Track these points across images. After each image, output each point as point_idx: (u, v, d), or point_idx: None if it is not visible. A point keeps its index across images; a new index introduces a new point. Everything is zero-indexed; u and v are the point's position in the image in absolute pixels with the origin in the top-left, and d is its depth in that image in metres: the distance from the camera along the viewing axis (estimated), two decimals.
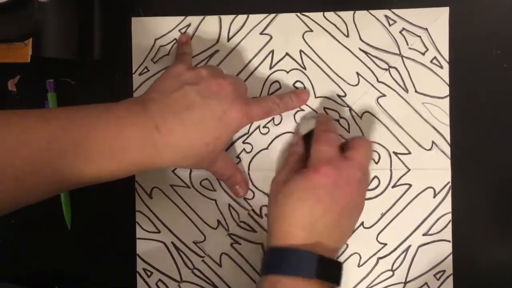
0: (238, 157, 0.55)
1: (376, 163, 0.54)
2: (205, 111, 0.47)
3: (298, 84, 0.55)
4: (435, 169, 0.54)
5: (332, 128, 0.51)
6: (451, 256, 0.54)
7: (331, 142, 0.49)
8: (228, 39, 0.56)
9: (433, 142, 0.54)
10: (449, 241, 0.54)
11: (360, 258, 0.55)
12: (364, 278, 0.54)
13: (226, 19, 0.56)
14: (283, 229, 0.47)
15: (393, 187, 0.54)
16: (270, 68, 0.55)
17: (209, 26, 0.56)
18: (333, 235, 0.47)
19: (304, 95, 0.54)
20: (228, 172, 0.53)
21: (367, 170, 0.50)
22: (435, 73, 0.54)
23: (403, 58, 0.54)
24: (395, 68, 0.54)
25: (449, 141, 0.54)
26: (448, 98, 0.54)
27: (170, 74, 0.49)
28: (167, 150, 0.46)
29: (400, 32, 0.54)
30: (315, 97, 0.55)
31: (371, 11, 0.55)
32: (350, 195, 0.47)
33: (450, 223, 0.54)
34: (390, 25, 0.54)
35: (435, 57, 0.54)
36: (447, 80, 0.54)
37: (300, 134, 0.54)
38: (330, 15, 0.55)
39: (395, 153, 0.54)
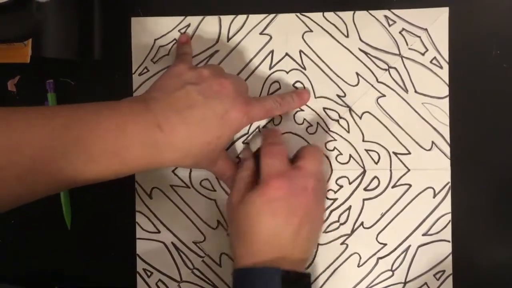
0: (238, 157, 0.56)
1: (376, 163, 0.54)
2: (207, 110, 0.47)
3: (298, 84, 0.55)
4: (434, 169, 0.54)
5: (279, 141, 0.52)
6: (450, 256, 0.54)
7: (278, 154, 0.49)
8: (228, 39, 0.56)
9: (432, 142, 0.54)
10: (448, 241, 0.54)
11: (360, 258, 0.55)
12: (364, 278, 0.55)
13: (226, 19, 0.56)
14: (245, 248, 0.47)
15: (393, 187, 0.54)
16: (270, 68, 0.55)
17: (209, 26, 0.56)
18: (296, 247, 0.47)
19: (305, 95, 0.54)
20: (228, 171, 0.53)
21: (321, 177, 0.50)
22: (434, 73, 0.54)
23: (403, 58, 0.54)
24: (395, 68, 0.54)
25: (448, 141, 0.54)
26: (447, 98, 0.54)
27: (171, 73, 0.49)
28: (169, 149, 0.46)
29: (400, 32, 0.54)
30: (315, 98, 0.55)
31: (370, 11, 0.55)
32: (306, 203, 0.48)
33: (450, 223, 0.54)
34: (389, 25, 0.54)
35: (434, 57, 0.54)
36: (447, 80, 0.54)
37: (250, 150, 0.54)
38: (330, 15, 0.55)
39: (395, 153, 0.54)
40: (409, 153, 0.54)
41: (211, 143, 0.48)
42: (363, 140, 0.55)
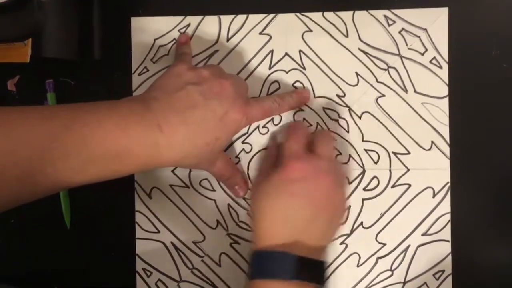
0: (237, 157, 0.56)
1: (376, 163, 0.54)
2: (207, 111, 0.47)
3: (297, 84, 0.55)
4: (434, 169, 0.54)
5: (302, 126, 0.53)
6: (450, 256, 0.54)
7: (299, 138, 0.50)
8: (228, 39, 0.56)
9: (432, 142, 0.54)
10: (448, 241, 0.54)
11: (359, 258, 0.55)
12: (363, 278, 0.55)
13: (226, 19, 0.56)
14: (263, 230, 0.47)
15: (392, 187, 0.54)
16: (270, 68, 0.55)
17: (209, 26, 0.56)
18: (312, 232, 0.47)
19: (305, 95, 0.54)
20: (227, 172, 0.53)
21: (337, 163, 0.51)
22: (434, 73, 0.54)
23: (403, 58, 0.54)
24: (395, 68, 0.54)
25: (448, 141, 0.54)
26: (447, 98, 0.54)
27: (171, 73, 0.49)
28: (168, 149, 0.46)
29: (400, 32, 0.54)
30: (315, 97, 0.55)
31: (370, 11, 0.55)
32: (323, 187, 0.48)
33: (449, 223, 0.54)
34: (389, 25, 0.54)
35: (434, 57, 0.54)
36: (447, 80, 0.54)
37: (275, 140, 0.54)
38: (329, 15, 0.55)
39: (395, 153, 0.54)
40: (409, 153, 0.54)
41: (209, 144, 0.48)
42: (363, 140, 0.55)
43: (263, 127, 0.55)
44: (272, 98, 0.53)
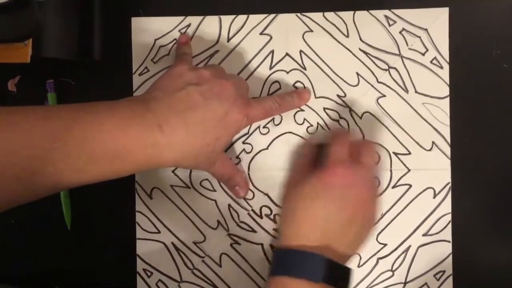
0: (238, 157, 0.56)
1: (376, 163, 0.54)
2: (207, 112, 0.47)
3: (298, 84, 0.55)
4: (435, 169, 0.54)
5: (345, 132, 0.53)
6: (451, 257, 0.54)
7: (344, 144, 0.50)
8: (228, 39, 0.56)
9: (433, 142, 0.54)
10: (449, 242, 0.54)
11: (360, 258, 0.55)
12: (364, 278, 0.55)
13: (226, 19, 0.56)
14: (294, 229, 0.47)
15: (393, 187, 0.54)
16: (270, 68, 0.55)
17: (209, 26, 0.56)
18: (343, 239, 0.47)
19: (305, 95, 0.54)
20: (227, 173, 0.53)
21: (376, 177, 0.51)
22: (435, 73, 0.54)
23: (403, 58, 0.54)
24: (395, 68, 0.54)
25: (449, 141, 0.54)
26: (448, 99, 0.54)
27: (172, 74, 0.49)
28: (168, 150, 0.46)
29: (400, 32, 0.54)
30: (315, 98, 0.55)
31: (371, 11, 0.55)
32: (363, 198, 0.48)
33: (450, 224, 0.54)
34: (390, 25, 0.54)
35: (435, 58, 0.54)
36: (447, 81, 0.54)
37: (311, 141, 0.54)
38: (330, 15, 0.55)
39: (395, 154, 0.54)
40: (410, 153, 0.54)
41: (210, 145, 0.48)
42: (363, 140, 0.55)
43: (264, 127, 0.55)
44: (273, 98, 0.53)
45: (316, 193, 0.47)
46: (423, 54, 0.54)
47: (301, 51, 0.55)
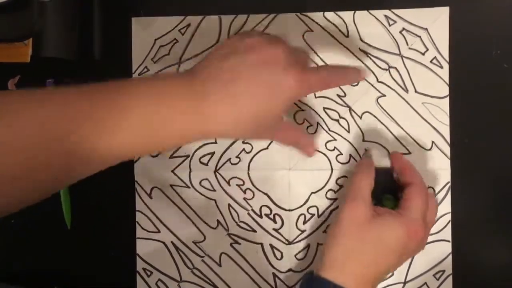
0: (237, 157, 0.56)
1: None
2: (255, 81, 0.44)
3: None
4: (434, 169, 0.54)
5: (426, 189, 0.50)
6: (450, 256, 0.54)
7: (427, 199, 0.49)
8: None
9: (433, 142, 0.54)
10: (448, 241, 0.54)
11: None
12: None
13: (226, 19, 0.56)
14: (348, 267, 0.46)
15: None
16: None
17: (209, 26, 0.56)
18: (382, 277, 0.48)
19: (363, 72, 0.51)
20: (290, 140, 0.52)
21: None
22: (435, 73, 0.54)
23: (403, 58, 0.54)
24: (395, 68, 0.54)
25: (448, 141, 0.54)
26: (448, 98, 0.54)
27: (218, 46, 0.48)
28: (216, 121, 0.44)
29: (400, 32, 0.54)
30: (315, 97, 0.55)
31: (371, 11, 0.55)
32: (417, 249, 0.49)
33: (450, 223, 0.54)
34: (390, 25, 0.54)
35: (435, 57, 0.54)
36: (447, 80, 0.54)
37: (369, 157, 0.54)
38: (330, 15, 0.55)
39: None
40: (409, 153, 0.54)
41: (260, 116, 0.45)
42: (363, 140, 0.55)
43: None
44: (330, 67, 0.51)
45: (396, 246, 0.47)
46: (423, 54, 0.54)
47: None
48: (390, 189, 0.52)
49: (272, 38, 0.47)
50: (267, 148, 0.55)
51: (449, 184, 0.54)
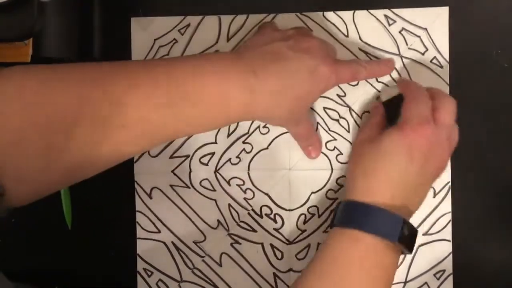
0: (238, 157, 0.55)
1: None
2: (298, 63, 0.46)
3: None
4: None
5: (422, 88, 0.50)
6: (451, 256, 0.54)
7: (424, 100, 0.48)
8: (228, 39, 0.56)
9: None
10: (449, 241, 0.54)
11: None
12: None
13: (226, 19, 0.56)
14: (370, 184, 0.46)
15: None
16: None
17: (209, 26, 0.56)
18: (416, 199, 0.47)
19: (391, 63, 0.53)
20: (307, 133, 0.53)
21: (454, 130, 0.49)
22: (435, 73, 0.54)
23: (403, 58, 0.54)
24: (395, 68, 0.54)
25: None
26: None
27: (258, 33, 0.50)
28: (262, 97, 0.46)
29: (400, 32, 0.54)
30: None
31: (370, 10, 0.55)
32: (441, 159, 0.48)
33: (450, 223, 0.54)
34: (389, 25, 0.54)
35: (435, 57, 0.54)
36: (447, 80, 0.54)
37: (381, 100, 0.53)
38: (329, 15, 0.55)
39: None
40: None
41: (301, 98, 0.47)
42: None
43: (264, 127, 0.55)
44: (359, 61, 0.52)
45: (397, 150, 0.46)
46: (423, 54, 0.54)
47: None
48: None
49: (304, 30, 0.50)
50: (267, 148, 0.55)
51: (449, 184, 0.54)
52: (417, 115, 0.47)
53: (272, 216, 0.55)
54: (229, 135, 0.55)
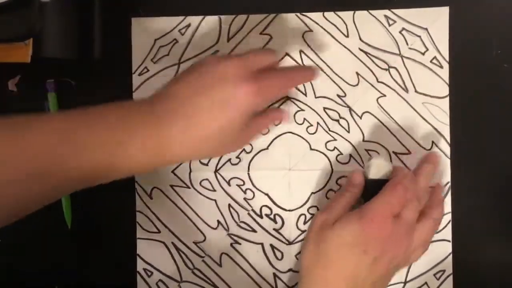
0: (237, 157, 0.55)
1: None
2: (208, 98, 0.45)
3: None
4: None
5: (411, 185, 0.48)
6: (451, 256, 0.54)
7: (402, 198, 0.47)
8: (228, 39, 0.56)
9: (433, 142, 0.54)
10: (449, 241, 0.54)
11: None
12: None
13: (226, 19, 0.56)
14: (323, 275, 0.46)
15: None
16: None
17: (209, 26, 0.56)
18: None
19: (315, 70, 0.51)
20: (260, 132, 0.51)
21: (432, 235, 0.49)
22: (435, 73, 0.54)
23: (403, 58, 0.54)
24: (395, 68, 0.54)
25: (449, 141, 0.54)
26: (448, 98, 0.54)
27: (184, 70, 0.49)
28: (171, 141, 0.45)
29: (400, 32, 0.54)
30: (315, 97, 0.55)
31: (371, 11, 0.55)
32: (395, 255, 0.46)
33: (450, 223, 0.54)
34: (390, 25, 0.54)
35: (435, 57, 0.54)
36: (447, 80, 0.54)
37: (365, 177, 0.51)
38: (330, 15, 0.55)
39: (395, 153, 0.54)
40: (409, 153, 0.54)
41: (219, 133, 0.45)
42: (363, 140, 0.55)
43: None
44: (280, 71, 0.50)
45: (352, 241, 0.45)
46: (423, 54, 0.54)
47: (301, 51, 0.55)
48: None
49: (223, 56, 0.48)
50: (267, 148, 0.55)
51: (449, 184, 0.54)
52: (383, 209, 0.46)
53: (272, 216, 0.55)
54: None
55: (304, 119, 0.55)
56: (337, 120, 0.55)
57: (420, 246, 0.49)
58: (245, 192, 0.56)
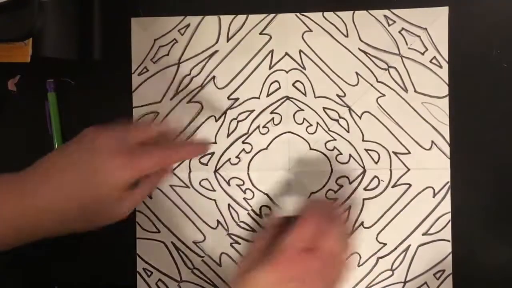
0: (237, 157, 0.56)
1: (376, 163, 0.54)
2: (75, 169, 0.45)
3: (297, 84, 0.55)
4: (434, 168, 0.54)
5: (312, 219, 0.45)
6: (450, 256, 0.54)
7: (311, 234, 0.44)
8: (228, 39, 0.56)
9: (432, 142, 0.54)
10: (448, 241, 0.54)
11: (360, 257, 0.55)
12: (364, 277, 0.55)
13: (226, 19, 0.56)
14: None
15: (392, 187, 0.54)
16: (270, 68, 0.55)
17: (209, 26, 0.56)
18: None
19: (205, 146, 0.51)
20: (138, 203, 0.49)
21: (343, 261, 0.46)
22: (434, 72, 0.54)
23: (403, 58, 0.54)
24: (395, 68, 0.54)
25: (448, 140, 0.54)
26: (447, 98, 0.54)
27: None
28: (44, 216, 0.45)
29: (400, 32, 0.54)
30: (315, 97, 0.55)
31: (370, 11, 0.55)
32: (322, 285, 0.44)
33: (450, 223, 0.54)
34: (389, 25, 0.55)
35: (434, 57, 0.54)
36: (447, 80, 0.54)
37: (277, 218, 0.50)
38: (329, 15, 0.55)
39: (395, 153, 0.54)
40: (409, 152, 0.54)
41: (85, 203, 0.45)
42: (363, 140, 0.55)
43: (263, 127, 0.55)
44: (165, 148, 0.48)
45: (267, 286, 0.43)
46: (423, 54, 0.54)
47: (300, 51, 0.55)
48: None
49: (104, 128, 0.47)
50: (266, 148, 0.55)
51: (449, 184, 0.54)
52: (289, 246, 0.44)
53: (271, 216, 0.55)
54: (228, 135, 0.55)
55: (304, 119, 0.55)
56: (337, 120, 0.55)
57: (336, 264, 0.46)
58: (244, 192, 0.56)
